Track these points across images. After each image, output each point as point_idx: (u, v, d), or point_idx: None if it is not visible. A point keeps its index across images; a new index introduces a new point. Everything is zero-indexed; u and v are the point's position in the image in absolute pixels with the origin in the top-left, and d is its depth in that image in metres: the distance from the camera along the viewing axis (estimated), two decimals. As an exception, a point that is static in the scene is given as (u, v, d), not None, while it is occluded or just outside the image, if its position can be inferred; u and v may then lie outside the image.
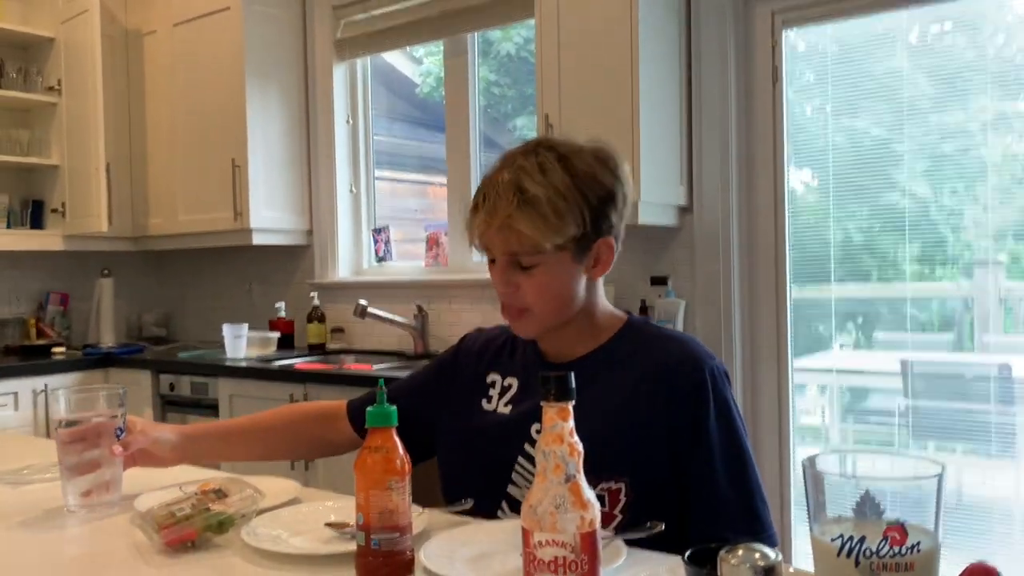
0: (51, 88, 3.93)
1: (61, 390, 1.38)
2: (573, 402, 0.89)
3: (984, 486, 2.55)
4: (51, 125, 3.97)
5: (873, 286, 2.73)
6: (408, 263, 3.84)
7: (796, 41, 2.81)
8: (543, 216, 1.23)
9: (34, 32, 3.91)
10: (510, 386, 1.41)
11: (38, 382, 3.53)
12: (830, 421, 2.93)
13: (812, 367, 2.88)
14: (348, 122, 3.93)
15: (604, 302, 1.39)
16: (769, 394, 2.86)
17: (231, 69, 3.70)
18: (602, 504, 1.13)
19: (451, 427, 1.44)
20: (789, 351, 2.84)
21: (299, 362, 3.46)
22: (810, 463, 0.73)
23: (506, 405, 1.39)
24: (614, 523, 1.22)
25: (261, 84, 3.74)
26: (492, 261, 1.32)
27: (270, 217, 3.78)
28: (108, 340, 4.08)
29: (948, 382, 2.64)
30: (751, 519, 1.25)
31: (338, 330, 3.86)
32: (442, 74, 3.68)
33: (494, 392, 1.42)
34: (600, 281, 1.37)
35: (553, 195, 1.23)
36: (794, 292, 2.84)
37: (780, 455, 2.84)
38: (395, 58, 4.09)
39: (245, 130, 3.66)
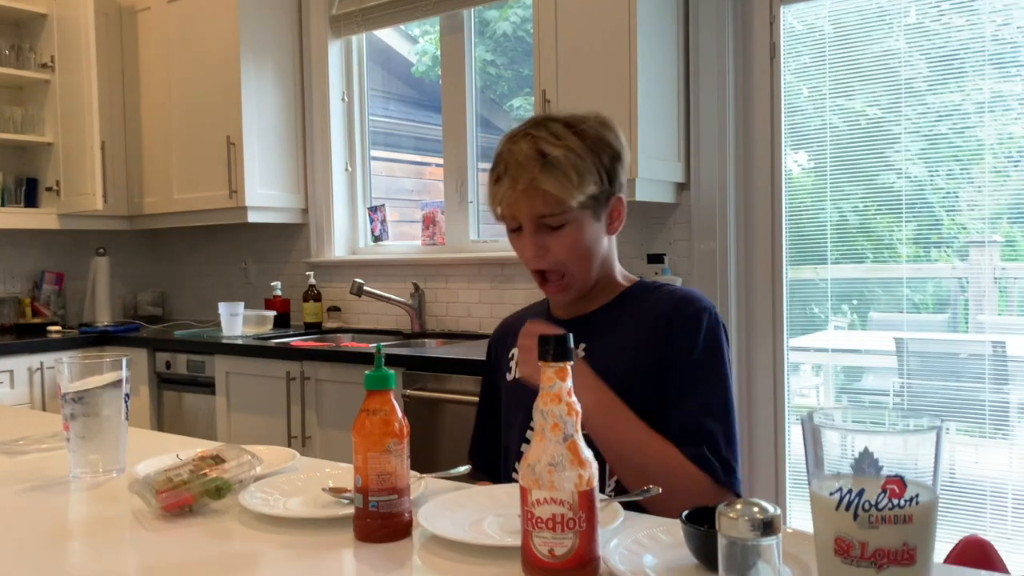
0: (44, 65, 3.90)
1: (65, 358, 1.36)
2: (572, 363, 0.89)
3: (978, 464, 2.56)
4: (45, 102, 3.94)
5: (868, 266, 2.73)
6: (404, 242, 3.83)
7: (793, 22, 2.80)
8: (566, 175, 1.29)
9: (27, 8, 3.88)
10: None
11: (34, 360, 3.52)
12: (825, 400, 2.94)
13: (807, 347, 2.88)
14: (343, 100, 3.91)
15: (618, 263, 1.46)
16: (764, 373, 2.87)
17: (226, 46, 3.68)
18: None
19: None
20: (784, 331, 2.84)
21: (296, 340, 3.46)
22: (809, 418, 0.74)
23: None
24: None
25: (256, 61, 3.72)
26: (515, 230, 1.36)
27: (265, 195, 3.77)
28: (103, 319, 4.07)
29: (942, 361, 2.64)
30: (722, 462, 1.27)
31: (334, 309, 3.85)
32: (437, 53, 3.66)
33: (513, 363, 1.48)
34: (615, 241, 1.43)
35: (572, 155, 1.29)
36: (790, 272, 2.84)
37: (775, 434, 2.85)
38: (390, 37, 4.07)
39: (240, 108, 3.65)
